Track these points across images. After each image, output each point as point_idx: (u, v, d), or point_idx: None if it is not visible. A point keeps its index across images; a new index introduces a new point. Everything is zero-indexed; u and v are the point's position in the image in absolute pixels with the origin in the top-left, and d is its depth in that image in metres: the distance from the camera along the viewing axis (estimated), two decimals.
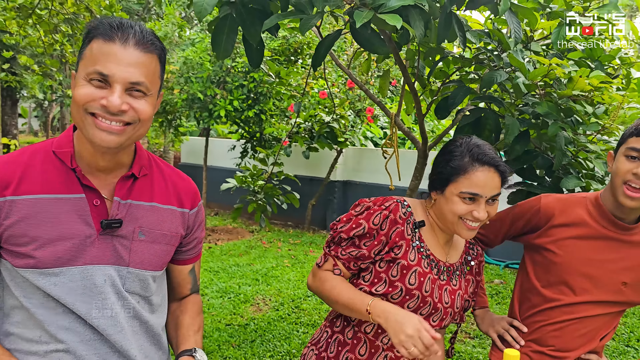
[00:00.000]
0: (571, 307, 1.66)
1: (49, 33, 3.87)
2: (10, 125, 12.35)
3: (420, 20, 1.59)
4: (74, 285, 1.16)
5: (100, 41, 1.09)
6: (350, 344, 1.49)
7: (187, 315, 1.40)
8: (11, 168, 1.15)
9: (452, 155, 1.43)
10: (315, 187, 8.25)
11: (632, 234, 1.62)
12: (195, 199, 1.37)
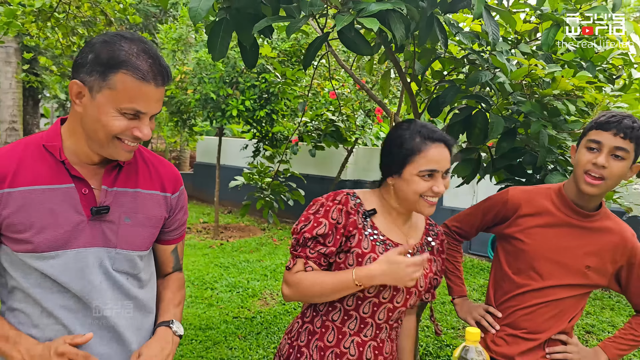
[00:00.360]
0: (540, 292, 1.76)
1: (67, 35, 4.05)
2: (32, 124, 12.70)
3: (401, 23, 1.69)
4: (69, 267, 1.28)
5: (134, 79, 1.19)
6: (319, 333, 1.56)
7: (169, 290, 1.53)
8: (6, 162, 1.26)
9: (403, 139, 1.50)
10: (326, 186, 8.36)
11: (592, 221, 1.74)
12: (176, 183, 1.49)
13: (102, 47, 1.21)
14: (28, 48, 6.87)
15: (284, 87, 4.77)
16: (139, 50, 1.21)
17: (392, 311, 1.55)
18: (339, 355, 1.53)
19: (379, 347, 1.56)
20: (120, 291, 1.35)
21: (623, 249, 1.73)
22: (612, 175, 1.61)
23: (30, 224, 1.25)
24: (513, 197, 1.83)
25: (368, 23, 1.51)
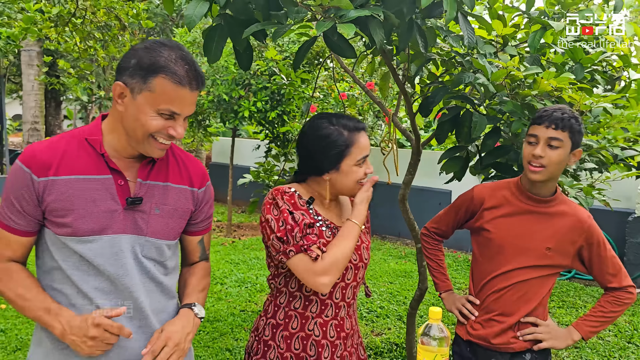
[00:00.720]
0: (506, 275, 1.93)
1: (84, 39, 4.26)
2: (54, 125, 13.07)
3: (380, 28, 1.82)
4: (104, 251, 1.40)
5: (171, 83, 1.31)
6: (283, 324, 1.65)
7: (195, 276, 1.64)
8: (52, 152, 1.38)
9: (332, 137, 1.62)
10: None
11: (549, 207, 1.91)
12: (203, 179, 1.61)
13: (144, 53, 1.33)
14: (49, 51, 7.14)
15: (290, 88, 4.92)
16: (177, 56, 1.33)
17: (345, 288, 1.68)
18: (305, 338, 1.64)
19: (339, 324, 1.68)
20: (147, 276, 1.48)
21: (580, 230, 1.88)
22: (551, 162, 1.80)
23: (72, 209, 1.37)
24: (478, 193, 2.03)
25: (344, 29, 1.65)
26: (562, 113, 1.80)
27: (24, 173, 1.36)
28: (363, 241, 1.74)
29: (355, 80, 3.72)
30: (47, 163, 1.37)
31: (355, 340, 1.78)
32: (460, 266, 6.49)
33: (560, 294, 5.52)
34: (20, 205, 1.37)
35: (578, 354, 4.08)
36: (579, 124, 1.83)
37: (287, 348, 1.65)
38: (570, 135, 1.80)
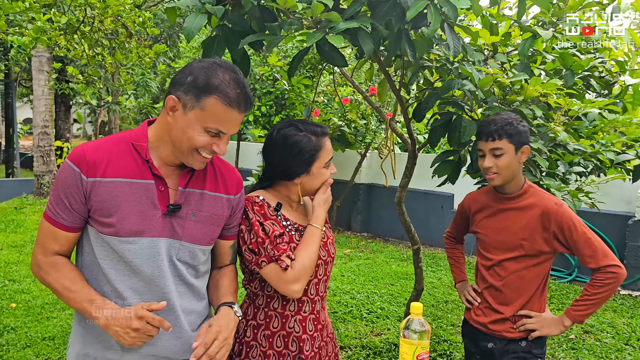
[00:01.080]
0: (496, 268, 2.14)
1: (92, 47, 4.39)
2: (63, 129, 13.27)
3: (369, 39, 1.92)
4: (143, 252, 1.46)
5: (222, 104, 1.38)
6: (264, 324, 1.72)
7: (226, 279, 1.68)
8: (100, 154, 1.45)
9: (302, 143, 1.69)
10: (341, 190, 8.59)
11: (518, 202, 2.10)
12: (239, 186, 1.67)
13: (201, 72, 1.39)
14: (59, 58, 7.31)
15: (292, 93, 5.03)
16: (231, 79, 1.40)
17: (317, 284, 1.78)
18: (286, 335, 1.72)
19: (316, 318, 1.78)
20: (180, 278, 1.54)
21: (548, 217, 2.04)
22: (500, 168, 2.02)
23: (116, 210, 1.43)
24: (466, 201, 2.30)
25: (334, 40, 1.75)
26: (496, 124, 1.99)
27: (74, 172, 1.43)
28: (328, 237, 1.84)
29: (354, 86, 3.82)
30: (95, 164, 1.43)
31: (329, 330, 1.88)
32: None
33: (560, 297, 5.57)
34: (69, 202, 1.44)
35: (574, 355, 4.14)
36: (516, 126, 2.00)
37: (269, 346, 1.72)
38: (510, 140, 1.99)
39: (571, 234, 2.02)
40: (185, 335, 1.56)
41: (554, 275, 6.42)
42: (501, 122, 1.99)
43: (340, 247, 7.58)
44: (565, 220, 2.03)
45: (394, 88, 2.98)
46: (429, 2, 1.83)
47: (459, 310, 5.06)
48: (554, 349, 4.24)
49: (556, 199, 2.08)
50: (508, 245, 2.11)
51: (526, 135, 2.04)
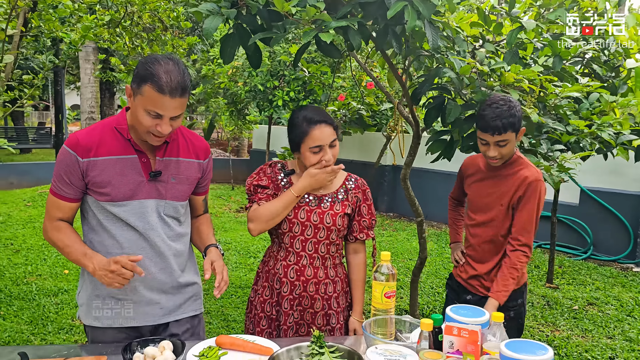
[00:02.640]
0: (476, 228, 2.45)
1: (132, 39, 4.86)
2: (108, 114, 14.02)
3: (358, 34, 2.27)
4: (135, 212, 1.84)
5: (154, 91, 1.63)
6: (267, 261, 2.18)
7: (205, 226, 2.11)
8: (91, 139, 1.79)
9: (295, 125, 2.05)
10: (368, 171, 8.92)
11: (508, 170, 2.35)
12: (207, 152, 2.02)
13: (141, 65, 1.69)
14: (104, 49, 7.88)
15: (312, 80, 5.38)
16: (164, 70, 1.65)
17: (304, 242, 2.09)
18: (274, 274, 2.13)
19: (300, 270, 2.10)
20: (168, 228, 1.92)
21: (521, 183, 2.29)
22: (504, 155, 2.26)
23: (108, 182, 1.79)
24: (463, 165, 2.61)
25: (324, 37, 2.11)
26: (501, 119, 2.15)
27: (71, 155, 1.77)
28: (331, 209, 2.11)
29: (367, 72, 4.16)
30: (88, 147, 1.78)
31: (325, 289, 2.12)
32: None
33: (571, 272, 5.80)
34: (69, 179, 1.79)
35: (575, 323, 4.41)
36: (515, 113, 2.19)
37: (264, 279, 2.18)
38: (512, 130, 2.19)
39: (525, 204, 2.28)
40: (175, 274, 1.97)
41: (569, 253, 6.62)
42: (504, 114, 2.15)
43: None
44: (532, 192, 2.27)
45: (397, 75, 3.31)
46: (406, 3, 2.16)
47: None
48: (556, 317, 4.51)
49: (540, 175, 2.30)
50: (489, 209, 2.37)
51: (521, 117, 2.22)
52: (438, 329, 1.64)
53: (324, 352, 1.69)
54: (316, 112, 2.07)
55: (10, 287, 4.95)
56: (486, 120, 2.20)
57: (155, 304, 1.95)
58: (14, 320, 4.23)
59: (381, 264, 1.93)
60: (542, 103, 3.09)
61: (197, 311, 2.07)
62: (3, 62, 2.90)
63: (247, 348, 1.82)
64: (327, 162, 2.05)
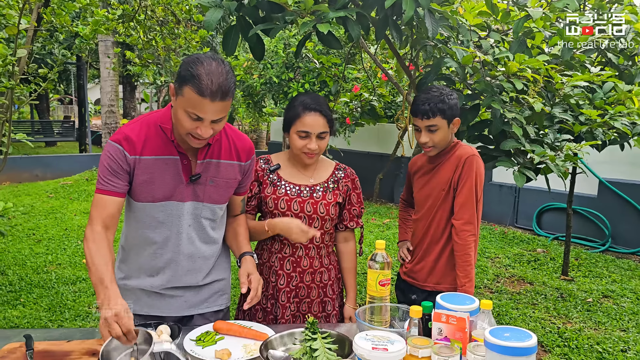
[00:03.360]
0: (418, 223, 2.41)
1: (146, 33, 4.94)
2: (129, 108, 14.24)
3: (357, 25, 2.28)
4: (171, 213, 1.84)
5: (195, 93, 1.56)
6: (262, 255, 2.19)
7: (242, 228, 2.07)
8: (137, 136, 1.76)
9: (291, 107, 2.06)
10: (384, 163, 8.90)
11: (446, 157, 2.30)
12: (249, 153, 1.96)
13: (183, 65, 1.62)
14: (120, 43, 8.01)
15: (322, 71, 5.39)
16: (206, 72, 1.57)
17: None
18: (269, 267, 2.16)
19: (296, 261, 2.12)
20: (203, 232, 1.92)
21: (458, 163, 2.23)
22: (436, 142, 2.21)
23: (151, 181, 1.78)
24: (409, 166, 2.53)
25: (322, 27, 2.12)
26: (429, 103, 2.15)
27: (119, 149, 1.75)
28: (324, 198, 2.12)
29: (376, 63, 4.16)
30: (135, 144, 1.76)
31: (318, 278, 2.16)
32: (495, 238, 6.77)
33: (588, 265, 5.72)
34: (118, 172, 1.75)
35: (588, 316, 4.36)
36: (448, 101, 2.17)
37: (259, 272, 2.14)
38: (442, 116, 2.17)
39: (465, 182, 2.20)
40: (201, 275, 1.97)
41: (587, 245, 6.53)
42: (434, 100, 2.15)
43: (381, 217, 7.94)
44: (468, 167, 2.20)
45: (403, 65, 3.31)
46: None
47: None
48: (569, 310, 4.47)
49: (475, 151, 2.25)
50: (432, 200, 2.30)
51: (456, 108, 2.20)
52: (428, 316, 1.66)
53: (317, 337, 1.72)
54: (315, 100, 2.06)
55: (30, 276, 5.11)
56: (417, 104, 2.20)
57: (180, 297, 1.98)
58: (33, 307, 4.36)
59: (376, 252, 1.94)
60: (551, 93, 3.06)
61: (222, 306, 2.08)
62: (17, 56, 2.99)
63: (244, 333, 1.86)
64: (310, 151, 2.05)
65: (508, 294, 4.90)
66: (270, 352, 1.66)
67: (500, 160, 2.73)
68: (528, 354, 1.34)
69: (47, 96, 19.16)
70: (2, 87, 2.98)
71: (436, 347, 1.49)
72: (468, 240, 2.21)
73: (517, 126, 2.57)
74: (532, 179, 2.67)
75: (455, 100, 2.21)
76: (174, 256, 1.91)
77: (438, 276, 2.36)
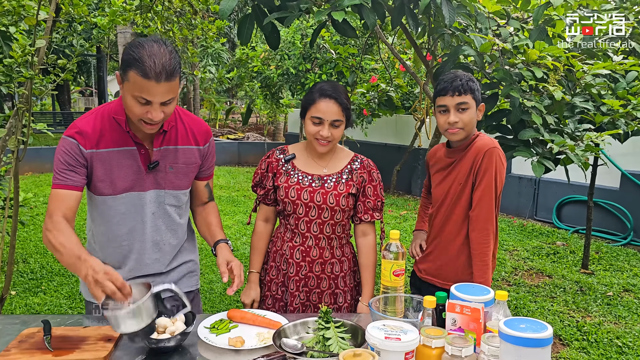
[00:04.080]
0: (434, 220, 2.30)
1: (164, 24, 4.95)
2: None
3: (372, 13, 2.25)
4: (134, 203, 1.83)
5: (139, 76, 1.54)
6: (275, 242, 2.20)
7: (213, 215, 2.05)
8: (92, 129, 1.74)
9: (309, 93, 2.05)
10: (402, 154, 8.85)
11: (466, 151, 2.15)
12: (207, 136, 1.95)
13: (126, 50, 1.60)
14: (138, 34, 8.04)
15: (338, 61, 5.36)
16: (149, 53, 1.55)
17: (309, 223, 2.08)
18: (281, 255, 2.16)
19: (306, 250, 2.11)
20: (169, 218, 1.92)
21: (477, 153, 2.09)
22: (465, 123, 2.08)
23: (110, 174, 1.77)
24: (427, 157, 2.42)
25: (337, 16, 2.10)
26: (460, 79, 2.06)
27: (74, 144, 1.73)
28: (335, 189, 2.09)
29: (393, 53, 4.11)
30: (90, 138, 1.74)
31: (332, 269, 2.14)
32: (514, 230, 6.69)
33: (609, 258, 5.62)
34: (75, 163, 1.73)
35: (608, 310, 4.29)
36: (476, 83, 2.09)
37: (272, 259, 2.20)
38: (473, 96, 2.07)
39: (484, 175, 2.08)
40: (168, 261, 1.98)
41: (608, 239, 6.41)
42: (465, 77, 2.05)
43: (398, 209, 7.90)
44: (488, 160, 2.07)
45: (421, 55, 3.26)
46: None
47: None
48: (588, 303, 4.40)
49: (496, 143, 2.13)
50: (449, 196, 2.18)
51: (479, 91, 2.10)
52: (442, 307, 1.64)
53: (330, 326, 1.72)
54: (333, 87, 2.03)
55: (51, 264, 5.20)
56: (445, 82, 2.09)
57: (149, 280, 1.96)
58: (54, 295, 4.44)
59: (390, 242, 1.93)
60: (571, 82, 2.99)
61: (192, 287, 2.09)
62: (35, 46, 3.02)
63: (257, 322, 1.87)
64: (323, 138, 2.02)
65: (526, 286, 4.84)
66: (283, 341, 1.67)
67: (518, 150, 2.67)
68: (543, 345, 1.32)
69: (68, 88, 19.42)
70: (21, 77, 3.02)
71: (450, 338, 1.48)
72: (486, 240, 2.12)
73: (536, 115, 2.52)
74: (551, 169, 2.62)
75: (479, 88, 2.12)
76: (140, 245, 1.90)
77: (457, 274, 2.23)
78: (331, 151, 2.16)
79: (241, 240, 6.12)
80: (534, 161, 2.63)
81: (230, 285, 1.83)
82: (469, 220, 2.15)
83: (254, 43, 9.66)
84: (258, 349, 1.67)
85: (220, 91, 19.59)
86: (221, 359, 1.63)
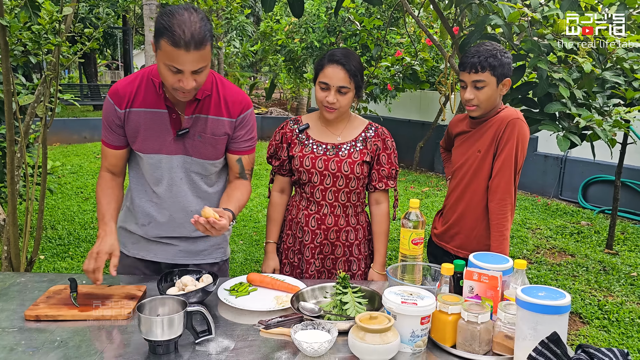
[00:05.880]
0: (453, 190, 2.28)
1: None
2: None
3: None
4: (162, 165, 1.87)
5: (169, 45, 1.55)
6: (291, 210, 2.23)
7: (238, 191, 1.94)
8: (129, 89, 1.82)
9: (321, 59, 2.06)
10: (426, 131, 8.76)
11: (490, 122, 2.13)
12: (241, 108, 1.90)
13: (158, 19, 1.61)
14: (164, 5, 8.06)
15: (363, 33, 5.28)
16: (178, 22, 1.55)
17: (324, 191, 2.10)
18: (297, 223, 2.18)
19: (321, 218, 2.13)
20: (195, 186, 1.93)
21: (500, 124, 2.07)
22: (481, 101, 2.05)
23: (138, 133, 1.84)
24: (450, 124, 2.39)
25: None
26: (479, 56, 2.00)
27: (111, 104, 1.83)
28: (349, 157, 2.08)
29: (419, 24, 4.04)
30: (125, 97, 1.82)
31: (347, 236, 2.16)
32: (537, 209, 6.61)
33: (634, 239, 5.52)
34: (111, 127, 1.85)
35: (631, 290, 4.23)
36: (500, 57, 2.01)
37: (288, 227, 2.23)
38: (492, 72, 2.00)
39: (505, 147, 2.06)
40: (192, 228, 1.90)
41: (635, 220, 6.29)
42: (485, 53, 2.00)
43: (420, 185, 7.87)
44: (510, 130, 2.05)
45: (447, 26, 3.21)
46: None
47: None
48: (611, 283, 4.35)
49: (520, 114, 2.10)
50: (467, 165, 2.17)
51: (509, 68, 2.04)
52: (460, 274, 1.64)
53: (347, 291, 1.74)
54: (343, 54, 2.01)
55: (79, 231, 5.34)
56: (465, 56, 2.05)
57: (175, 246, 2.01)
58: (80, 260, 4.57)
59: (410, 210, 1.93)
60: (602, 55, 2.91)
61: (217, 259, 2.09)
62: (62, 13, 3.05)
63: (276, 285, 1.90)
64: (329, 104, 2.01)
65: (548, 265, 4.80)
66: (301, 304, 1.70)
67: (544, 124, 2.62)
68: (560, 313, 1.32)
69: (95, 61, 19.60)
70: (49, 44, 3.06)
71: (466, 304, 1.48)
72: (503, 207, 2.10)
73: (564, 87, 2.46)
74: (577, 144, 2.57)
75: (509, 58, 2.05)
76: (170, 206, 1.94)
77: (476, 244, 2.22)
78: (345, 119, 2.16)
79: (262, 213, 6.18)
80: (560, 135, 2.58)
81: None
82: (488, 191, 2.13)
83: (279, 16, 9.59)
84: (276, 311, 1.70)
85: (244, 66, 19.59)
86: (240, 319, 1.67)
